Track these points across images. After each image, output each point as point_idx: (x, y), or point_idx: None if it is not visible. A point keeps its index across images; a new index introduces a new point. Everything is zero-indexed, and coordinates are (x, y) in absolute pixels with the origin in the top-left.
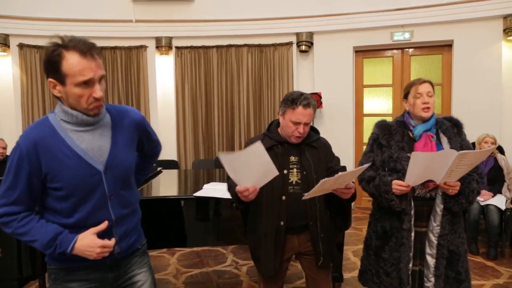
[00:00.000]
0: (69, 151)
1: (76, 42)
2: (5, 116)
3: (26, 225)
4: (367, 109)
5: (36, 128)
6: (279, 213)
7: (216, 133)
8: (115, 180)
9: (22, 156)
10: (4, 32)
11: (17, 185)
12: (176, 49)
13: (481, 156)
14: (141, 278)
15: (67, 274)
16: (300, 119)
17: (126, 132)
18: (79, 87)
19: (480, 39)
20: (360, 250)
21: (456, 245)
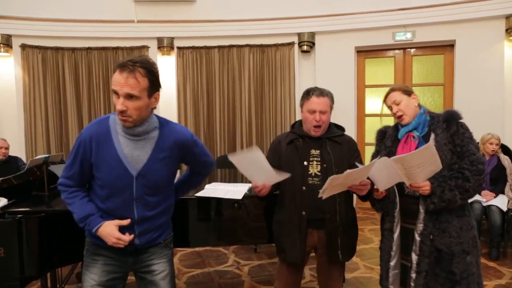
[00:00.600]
0: (113, 151)
1: (127, 59)
2: (7, 116)
3: (72, 198)
4: (368, 109)
5: (96, 124)
6: (301, 203)
7: (218, 133)
8: (144, 187)
9: (80, 144)
10: (7, 32)
11: (73, 165)
12: (178, 50)
13: (422, 155)
14: (158, 268)
15: (95, 249)
16: (315, 107)
17: (167, 149)
18: (113, 95)
19: (482, 39)
20: (362, 250)
21: (447, 245)
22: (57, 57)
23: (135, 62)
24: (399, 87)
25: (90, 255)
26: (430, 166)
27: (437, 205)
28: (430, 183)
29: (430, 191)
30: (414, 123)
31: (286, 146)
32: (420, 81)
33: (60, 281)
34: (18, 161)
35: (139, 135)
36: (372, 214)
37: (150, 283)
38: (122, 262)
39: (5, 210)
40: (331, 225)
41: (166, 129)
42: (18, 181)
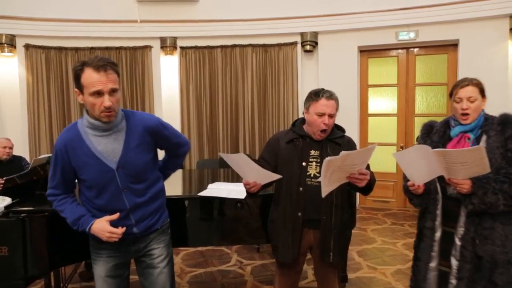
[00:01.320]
0: (89, 152)
1: (93, 59)
2: (11, 116)
3: (62, 205)
4: (372, 109)
5: (66, 132)
6: (297, 204)
7: (221, 133)
8: (127, 176)
9: (57, 153)
10: (10, 32)
11: (55, 174)
12: (180, 49)
13: (469, 155)
14: (157, 252)
15: (98, 243)
16: (324, 110)
17: (140, 135)
18: (92, 96)
19: (486, 39)
20: (365, 250)
21: (489, 253)
22: (61, 57)
23: (103, 60)
24: (479, 84)
25: (94, 249)
26: (476, 168)
27: (476, 207)
28: (471, 182)
29: (471, 191)
30: (473, 125)
31: (285, 145)
32: (424, 81)
33: (63, 280)
34: (22, 160)
35: (110, 129)
36: (375, 214)
37: (148, 266)
38: (124, 252)
39: (9, 209)
40: (326, 227)
41: (132, 118)
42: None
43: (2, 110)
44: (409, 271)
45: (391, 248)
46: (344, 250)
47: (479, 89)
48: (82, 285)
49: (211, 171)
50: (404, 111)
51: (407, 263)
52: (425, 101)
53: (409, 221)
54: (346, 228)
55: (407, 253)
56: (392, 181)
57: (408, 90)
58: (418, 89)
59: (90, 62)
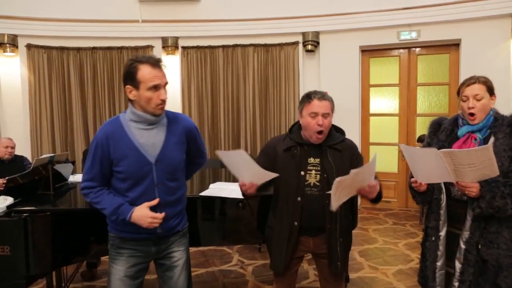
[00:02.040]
0: (130, 143)
1: (147, 57)
2: (13, 116)
3: (99, 196)
4: (373, 108)
5: (109, 124)
6: (294, 213)
7: (222, 133)
8: (163, 172)
9: (97, 145)
10: (12, 32)
11: (93, 166)
12: (182, 49)
13: (476, 155)
14: (177, 256)
15: (120, 242)
16: (317, 110)
17: (178, 134)
18: (150, 91)
19: (488, 38)
20: (366, 250)
21: (494, 257)
22: (62, 57)
23: (154, 57)
24: (486, 81)
25: (115, 248)
26: (483, 169)
27: (483, 210)
28: (479, 186)
29: (479, 194)
30: (481, 125)
31: (282, 153)
32: (425, 81)
33: (65, 279)
34: (23, 160)
35: (154, 123)
36: (376, 214)
37: (169, 269)
38: (145, 253)
39: (11, 209)
40: (332, 236)
41: (172, 116)
42: (24, 180)
43: (4, 110)
44: (410, 271)
45: (392, 248)
46: (348, 255)
47: (486, 87)
48: (84, 285)
49: (213, 171)
50: (406, 111)
51: (409, 263)
52: (427, 101)
53: (411, 221)
54: (349, 234)
55: (408, 253)
56: (394, 181)
57: (410, 90)
58: (419, 89)
59: (144, 60)
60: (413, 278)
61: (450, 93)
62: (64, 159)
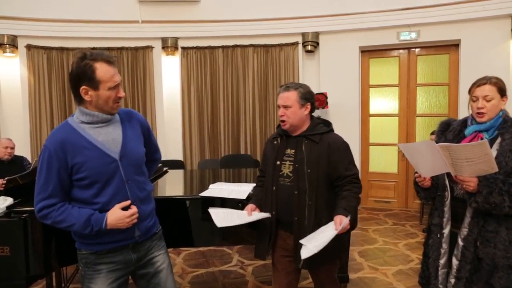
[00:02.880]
0: (89, 144)
1: (100, 54)
2: (13, 116)
3: (63, 213)
4: (373, 109)
5: (59, 130)
6: (271, 203)
7: (222, 133)
8: (130, 167)
9: (51, 155)
10: (12, 33)
11: (50, 181)
12: (182, 50)
13: (473, 150)
14: (160, 259)
15: (96, 258)
16: (279, 102)
17: (134, 127)
18: (110, 90)
19: (488, 39)
20: (366, 251)
21: (489, 256)
22: (62, 58)
23: (104, 53)
24: (498, 82)
25: (92, 266)
26: (481, 165)
27: (480, 205)
28: (477, 180)
29: (476, 189)
30: (489, 125)
31: (269, 143)
32: (425, 81)
33: (65, 280)
34: (23, 160)
35: (108, 120)
36: (376, 215)
37: (154, 276)
38: (126, 264)
39: (11, 209)
40: (298, 230)
41: (122, 112)
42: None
43: (4, 111)
44: (410, 272)
45: (392, 248)
46: (321, 255)
47: (497, 88)
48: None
49: (212, 172)
50: (406, 112)
51: (409, 264)
52: (427, 102)
53: (411, 221)
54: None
55: (408, 253)
56: (394, 181)
57: (410, 90)
58: (419, 90)
59: (99, 57)
60: (413, 279)
61: (450, 93)
62: None
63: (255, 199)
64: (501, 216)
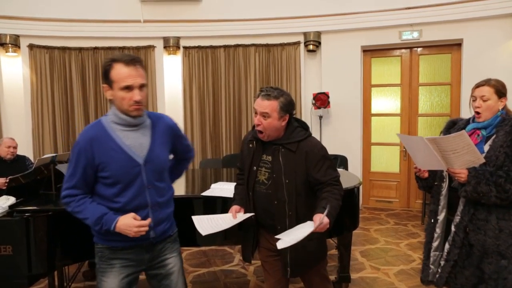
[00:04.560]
0: (116, 146)
1: (122, 55)
2: (15, 115)
3: (81, 205)
4: (375, 108)
5: (91, 128)
6: (249, 207)
7: (224, 133)
8: (152, 173)
9: (81, 151)
10: (15, 33)
11: (75, 173)
12: (184, 49)
13: (455, 141)
14: (172, 262)
15: (110, 253)
16: (256, 108)
17: (162, 134)
18: (122, 91)
19: (490, 38)
20: (368, 251)
21: (480, 242)
22: (64, 57)
23: (131, 56)
24: (496, 85)
25: (106, 260)
26: (467, 156)
27: (468, 194)
28: (467, 172)
29: (466, 180)
30: (486, 123)
31: (246, 144)
32: (427, 81)
33: (67, 279)
34: (25, 160)
35: (138, 124)
36: (378, 215)
37: (165, 278)
38: (138, 261)
39: (13, 208)
40: None
41: (153, 116)
42: (26, 180)
43: (7, 110)
44: (412, 271)
45: (394, 248)
46: (307, 262)
47: (495, 89)
48: (86, 285)
49: (214, 171)
50: (408, 111)
51: (410, 263)
52: (429, 101)
53: (412, 221)
54: (308, 239)
55: (410, 253)
56: (395, 181)
57: (412, 90)
58: (421, 89)
59: (119, 58)
60: (415, 278)
61: (452, 93)
62: (66, 159)
63: (238, 200)
64: (492, 205)
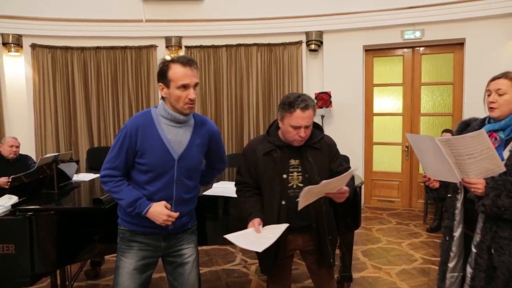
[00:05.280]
0: (158, 138)
1: (179, 56)
2: (18, 115)
3: (119, 186)
4: (377, 108)
5: (140, 117)
6: (279, 218)
7: (226, 132)
8: (183, 170)
9: (126, 135)
10: (17, 32)
11: (119, 156)
12: (185, 49)
13: (472, 142)
14: (188, 252)
15: (131, 235)
16: (300, 123)
17: (202, 136)
18: (179, 89)
19: (493, 37)
20: (369, 250)
21: (506, 265)
22: (67, 57)
23: (187, 57)
24: (508, 75)
25: (126, 241)
26: (485, 162)
27: (487, 209)
28: (485, 182)
29: (484, 192)
30: (504, 123)
31: (262, 157)
32: (429, 80)
33: (69, 278)
34: (28, 159)
35: (184, 122)
36: (380, 214)
37: (180, 266)
38: (155, 247)
39: (16, 207)
40: (320, 236)
41: (199, 119)
42: (28, 179)
43: (9, 109)
44: (414, 271)
45: (396, 248)
46: (335, 250)
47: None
48: (88, 284)
49: None
50: (410, 111)
51: (412, 263)
52: (431, 101)
53: (414, 221)
54: (334, 230)
55: (412, 253)
56: (397, 180)
57: (414, 89)
58: (423, 89)
59: (176, 59)
60: (417, 278)
61: (454, 92)
62: (68, 158)
63: (256, 212)
64: None
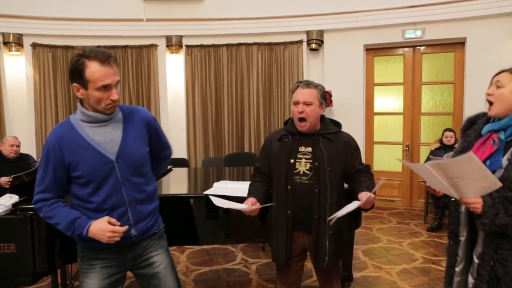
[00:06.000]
0: (85, 143)
1: (96, 52)
2: (18, 114)
3: (53, 210)
4: (377, 107)
5: (59, 127)
6: (286, 202)
7: (226, 132)
8: (127, 168)
9: (49, 151)
10: (18, 31)
11: (46, 176)
12: (186, 48)
13: (461, 166)
14: (158, 259)
15: (91, 253)
16: (298, 98)
17: (137, 127)
18: (99, 91)
19: (494, 37)
20: (370, 249)
21: (509, 277)
22: (67, 56)
23: (104, 52)
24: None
25: (87, 260)
26: (480, 181)
27: (487, 228)
28: (482, 201)
29: (482, 211)
30: (504, 123)
31: (276, 142)
32: (430, 79)
33: (70, 277)
34: (29, 158)
35: (108, 119)
36: (380, 213)
37: (152, 277)
38: (121, 261)
39: (17, 207)
40: (320, 228)
41: (127, 109)
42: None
43: (10, 109)
44: (414, 271)
45: (396, 247)
46: (341, 254)
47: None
48: None
49: (217, 170)
50: (410, 110)
51: (413, 263)
52: (432, 100)
53: (415, 220)
54: (344, 229)
55: (412, 252)
56: (398, 180)
57: (415, 88)
58: (424, 88)
59: (93, 55)
60: (417, 278)
61: (455, 91)
62: None
63: (255, 193)
64: None
